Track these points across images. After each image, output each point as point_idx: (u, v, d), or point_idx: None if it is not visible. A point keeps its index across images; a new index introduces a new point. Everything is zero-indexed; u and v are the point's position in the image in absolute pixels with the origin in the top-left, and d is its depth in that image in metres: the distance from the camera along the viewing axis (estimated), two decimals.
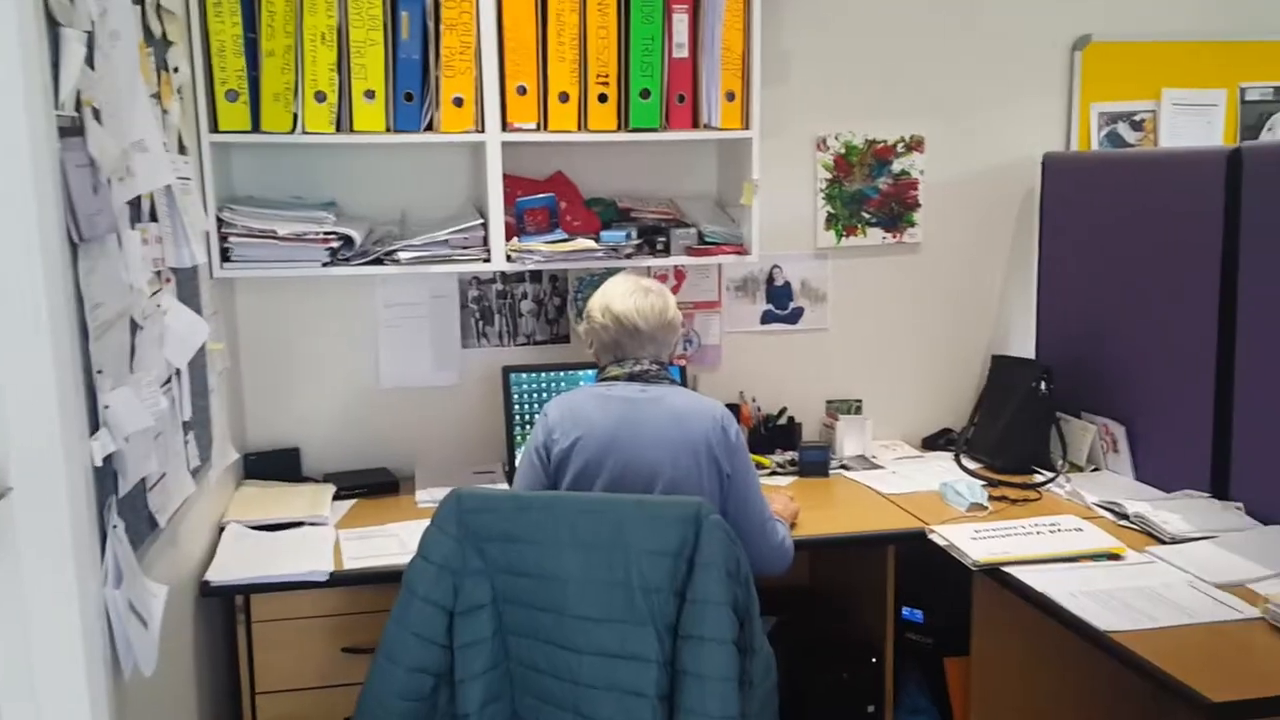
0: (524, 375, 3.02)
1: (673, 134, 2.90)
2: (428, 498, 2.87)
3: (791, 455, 3.17)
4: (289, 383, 3.09)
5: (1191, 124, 3.50)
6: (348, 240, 2.77)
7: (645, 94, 2.84)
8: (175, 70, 2.37)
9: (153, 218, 2.04)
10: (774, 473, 3.10)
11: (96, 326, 1.65)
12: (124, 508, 1.76)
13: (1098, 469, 3.05)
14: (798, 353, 3.38)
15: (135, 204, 1.90)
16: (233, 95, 2.64)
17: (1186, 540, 2.44)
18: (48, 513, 1.51)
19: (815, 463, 3.10)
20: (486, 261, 2.83)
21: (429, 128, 2.76)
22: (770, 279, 3.34)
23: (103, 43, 1.74)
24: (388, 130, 2.73)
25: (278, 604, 2.42)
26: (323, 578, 2.39)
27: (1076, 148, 3.42)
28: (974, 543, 2.48)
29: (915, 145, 3.35)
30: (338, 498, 2.88)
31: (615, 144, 3.00)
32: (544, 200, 2.90)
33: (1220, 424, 2.64)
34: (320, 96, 2.67)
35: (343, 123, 2.70)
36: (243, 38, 2.62)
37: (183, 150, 2.42)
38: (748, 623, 1.95)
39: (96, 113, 1.68)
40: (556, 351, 3.22)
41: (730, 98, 2.89)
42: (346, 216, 2.91)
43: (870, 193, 3.35)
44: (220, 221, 2.69)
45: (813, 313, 3.38)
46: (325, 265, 2.74)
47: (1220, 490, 2.65)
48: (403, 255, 2.79)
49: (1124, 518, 2.63)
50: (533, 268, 2.94)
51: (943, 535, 2.55)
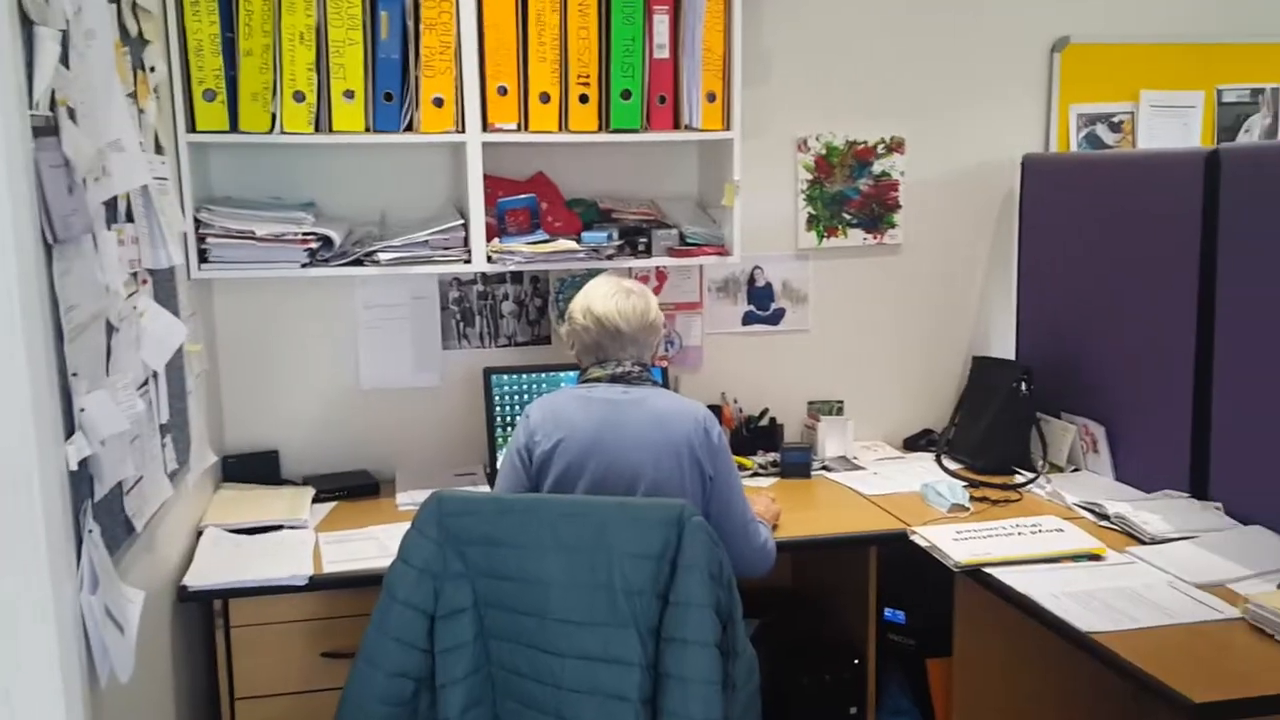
0: (505, 377, 3.01)
1: (654, 135, 2.89)
2: (408, 500, 2.85)
3: (773, 456, 3.17)
4: (268, 385, 3.07)
5: (1169, 126, 3.52)
6: (327, 241, 2.75)
7: (626, 95, 2.83)
8: (152, 69, 2.35)
9: (129, 218, 2.02)
10: (756, 474, 3.10)
11: (71, 329, 1.63)
12: (100, 512, 1.74)
13: (1078, 469, 3.06)
14: (779, 354, 3.38)
15: (111, 204, 1.88)
16: (210, 95, 2.62)
17: (1167, 540, 2.45)
18: (22, 517, 1.49)
19: (797, 464, 3.10)
20: (467, 262, 2.82)
21: (409, 128, 2.75)
22: (751, 280, 3.34)
23: (78, 41, 1.72)
24: (367, 130, 2.71)
25: (257, 608, 2.40)
26: (302, 582, 2.37)
27: (1055, 149, 3.44)
28: (956, 544, 2.49)
29: (896, 146, 3.36)
30: (317, 500, 2.87)
31: (596, 145, 2.99)
32: (525, 201, 2.89)
33: (1199, 424, 2.66)
34: (299, 96, 2.65)
35: (322, 123, 2.69)
36: (220, 37, 2.60)
37: (159, 150, 2.40)
38: (730, 625, 1.95)
39: (71, 112, 1.66)
40: (538, 353, 3.21)
41: (711, 98, 2.89)
42: (326, 217, 2.90)
43: (851, 194, 3.35)
44: (198, 222, 2.67)
45: (794, 314, 3.38)
46: (304, 266, 2.73)
47: (1199, 490, 2.66)
48: (383, 256, 2.77)
49: (1104, 518, 2.64)
50: (514, 269, 2.93)
51: (924, 536, 2.56)
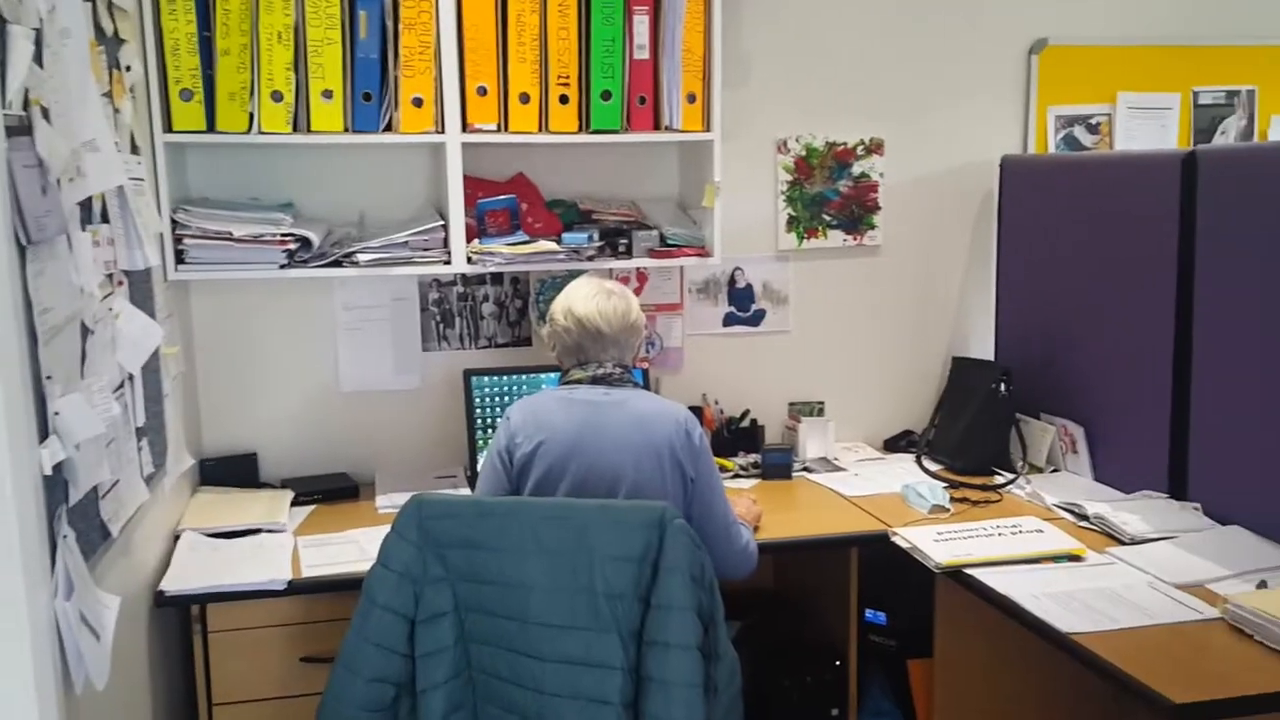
0: (486, 378, 2.99)
1: (634, 136, 2.89)
2: (388, 503, 2.83)
3: (754, 458, 3.17)
4: (246, 387, 3.04)
5: (1146, 127, 3.54)
6: (305, 242, 2.73)
7: (606, 95, 2.82)
8: (128, 69, 2.32)
9: (104, 219, 2.00)
10: (737, 475, 3.10)
11: (46, 331, 1.61)
12: (75, 517, 1.71)
13: (1057, 470, 3.07)
14: (760, 355, 3.38)
15: (86, 205, 1.86)
16: (187, 94, 2.60)
17: (1146, 541, 2.46)
18: None
19: (778, 465, 3.10)
20: (447, 264, 2.81)
21: (388, 128, 2.74)
22: (732, 281, 3.33)
23: (52, 40, 1.70)
24: (346, 130, 2.70)
25: (234, 613, 2.37)
26: (281, 586, 2.35)
27: (1034, 150, 3.45)
28: (936, 545, 2.49)
29: (875, 148, 3.36)
30: (296, 504, 2.85)
31: (576, 145, 2.98)
32: (505, 202, 2.88)
33: (1177, 424, 2.67)
34: (277, 96, 2.63)
35: (300, 123, 2.67)
36: (197, 36, 2.58)
37: (135, 150, 2.38)
38: (712, 628, 1.94)
39: (45, 112, 1.64)
40: (518, 354, 3.20)
41: (691, 100, 2.89)
42: (304, 218, 2.88)
43: (831, 195, 3.35)
44: (175, 223, 2.64)
45: (774, 315, 3.38)
46: (282, 267, 2.71)
47: (1178, 490, 2.67)
48: (362, 257, 2.76)
49: (1084, 519, 2.65)
50: (494, 270, 2.92)
51: (905, 538, 2.56)
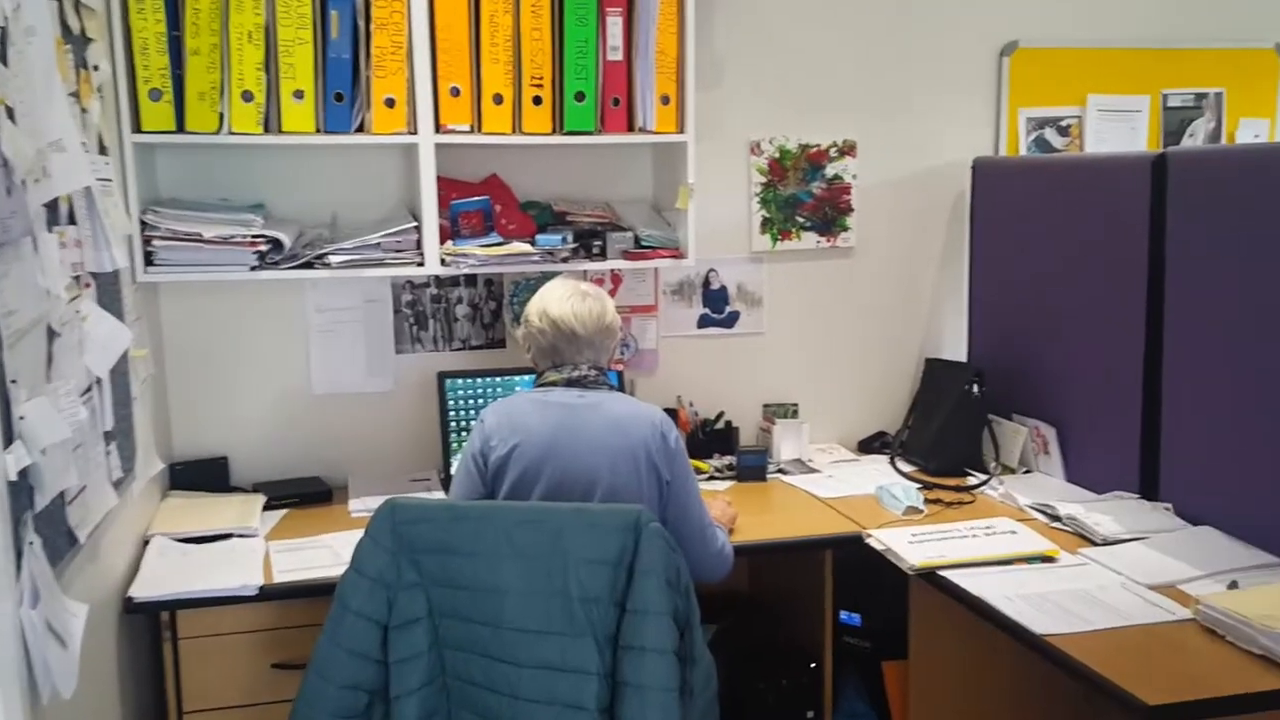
0: (459, 381, 2.97)
1: (608, 137, 2.88)
2: (361, 507, 2.81)
3: (729, 460, 3.17)
4: (217, 390, 3.01)
5: (1116, 129, 3.57)
6: (276, 243, 2.71)
7: (580, 97, 2.81)
8: (95, 68, 2.29)
9: (71, 220, 1.97)
10: (712, 477, 3.10)
11: (10, 334, 1.58)
12: (41, 523, 1.69)
13: (1029, 470, 3.09)
14: (734, 356, 3.37)
15: (52, 206, 1.83)
16: (156, 94, 2.57)
17: (1118, 542, 2.47)
18: None
19: (753, 467, 3.10)
20: (420, 265, 2.79)
21: (360, 129, 2.71)
22: (706, 283, 3.33)
23: (17, 39, 1.68)
24: (317, 131, 2.67)
25: (205, 620, 2.35)
26: (252, 592, 2.33)
27: (1005, 152, 3.47)
28: (911, 546, 2.49)
29: (848, 150, 3.37)
30: (268, 508, 2.82)
31: (550, 147, 2.97)
32: (479, 203, 2.87)
33: (1148, 425, 2.68)
34: (247, 96, 2.60)
35: (271, 123, 2.65)
36: (166, 35, 2.55)
37: (103, 151, 2.35)
38: (688, 632, 1.94)
39: (10, 111, 1.62)
40: (492, 356, 3.18)
41: (665, 101, 2.88)
42: (275, 219, 2.85)
43: (804, 197, 3.36)
44: (144, 224, 2.61)
45: (749, 316, 3.37)
46: (253, 269, 2.68)
47: (1149, 491, 2.69)
48: (334, 259, 2.73)
49: (1056, 519, 2.66)
50: (468, 271, 2.90)
51: (880, 540, 2.56)
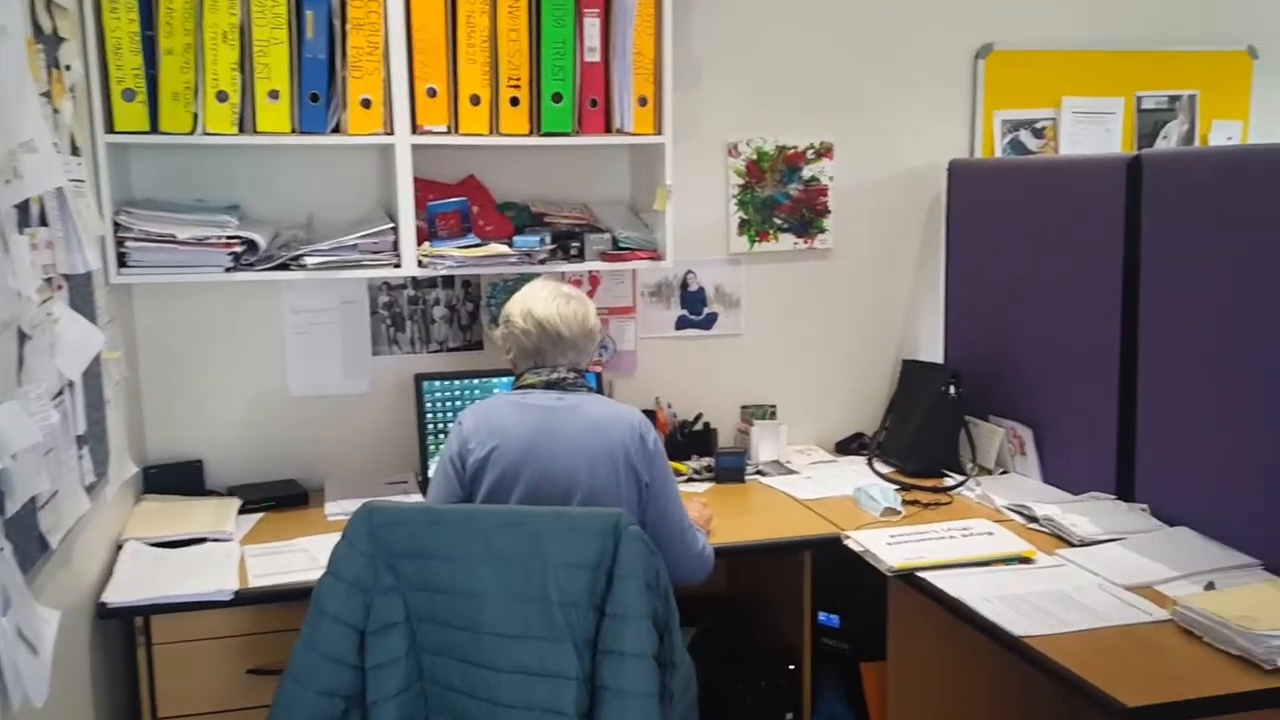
0: (437, 383, 2.96)
1: (585, 138, 2.87)
2: (338, 510, 2.79)
3: (708, 461, 3.16)
4: (191, 392, 2.98)
5: (1090, 131, 3.59)
6: (251, 245, 2.69)
7: (557, 98, 2.80)
8: (68, 68, 2.27)
9: (43, 222, 1.95)
10: (690, 479, 3.09)
11: None
12: (11, 529, 1.66)
13: (1006, 471, 3.10)
14: (712, 358, 3.37)
15: (24, 207, 1.81)
16: (129, 94, 2.55)
17: (1095, 543, 2.49)
18: None
19: (731, 469, 3.10)
20: (397, 267, 2.78)
21: (336, 129, 2.70)
22: (684, 284, 3.33)
23: None
24: (293, 132, 2.65)
25: (180, 625, 2.33)
26: (227, 597, 2.31)
27: (980, 154, 3.48)
28: (889, 548, 2.50)
29: (825, 151, 3.37)
30: (243, 511, 2.80)
31: (527, 148, 2.96)
32: (456, 204, 2.85)
33: (1124, 426, 2.70)
34: (222, 96, 2.58)
35: (246, 123, 2.63)
36: (140, 35, 2.53)
37: (76, 151, 2.32)
38: (668, 636, 1.94)
39: None
40: (470, 358, 3.16)
41: (643, 103, 2.88)
42: (250, 220, 2.83)
43: (781, 198, 3.36)
44: (117, 225, 2.59)
45: (727, 318, 3.38)
46: (228, 270, 2.66)
47: (1125, 492, 2.70)
48: (309, 260, 2.72)
49: (1033, 520, 2.67)
50: (445, 273, 2.89)
51: (858, 541, 2.56)
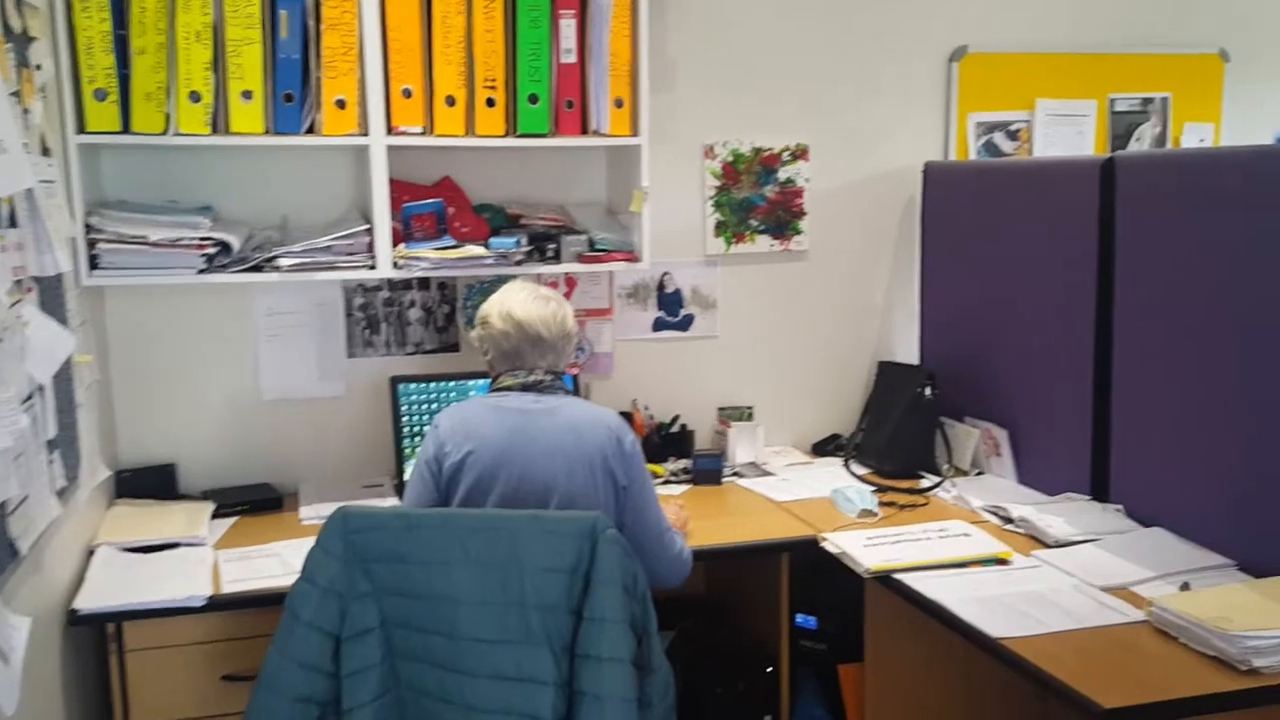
0: (413, 385, 2.94)
1: (562, 140, 2.86)
2: (313, 514, 2.77)
3: (685, 463, 3.16)
4: (164, 395, 2.95)
5: (1064, 133, 3.61)
6: (225, 246, 2.66)
7: (533, 99, 2.79)
8: (38, 67, 2.24)
9: (13, 223, 1.93)
10: (668, 481, 3.09)
11: None
12: None
13: (981, 472, 3.11)
14: (689, 360, 3.37)
15: None
16: (101, 94, 2.52)
17: (1070, 544, 2.50)
18: None
19: (708, 471, 3.10)
20: (372, 268, 2.76)
21: (310, 130, 2.68)
22: (661, 286, 3.32)
23: None
24: (267, 132, 2.63)
25: (152, 631, 2.30)
26: (200, 602, 2.29)
27: (955, 156, 3.50)
28: (866, 550, 2.50)
29: (800, 153, 3.38)
30: (217, 516, 2.77)
31: (503, 149, 2.95)
32: (431, 206, 2.84)
33: (1099, 427, 2.71)
34: (195, 96, 2.56)
35: (219, 124, 2.60)
36: (112, 34, 2.50)
37: (46, 152, 2.29)
38: (646, 640, 1.93)
39: None
40: (446, 361, 3.15)
41: (619, 104, 2.87)
42: (224, 221, 2.80)
43: (758, 200, 3.36)
44: (88, 227, 2.56)
45: (703, 319, 3.37)
46: (201, 272, 2.63)
47: (1100, 492, 2.72)
48: (284, 262, 2.69)
49: (1009, 521, 2.68)
50: (420, 275, 2.87)
51: (835, 543, 2.57)
